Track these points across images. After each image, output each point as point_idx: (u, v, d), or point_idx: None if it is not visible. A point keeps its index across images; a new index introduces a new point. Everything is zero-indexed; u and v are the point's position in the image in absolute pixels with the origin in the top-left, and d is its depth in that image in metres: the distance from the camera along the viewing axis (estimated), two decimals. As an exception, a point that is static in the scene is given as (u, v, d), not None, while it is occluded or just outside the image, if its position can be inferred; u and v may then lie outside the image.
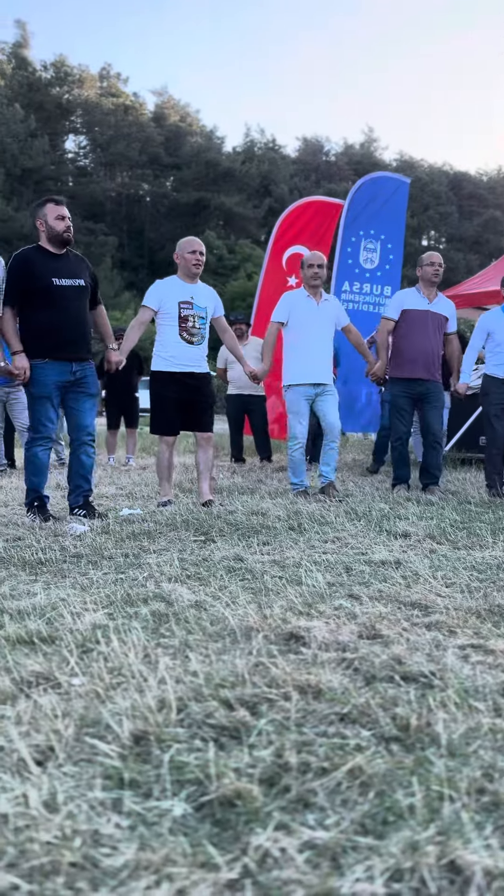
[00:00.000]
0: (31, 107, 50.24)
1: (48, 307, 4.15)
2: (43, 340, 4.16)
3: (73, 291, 4.22)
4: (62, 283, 4.18)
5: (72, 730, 1.47)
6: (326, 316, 5.39)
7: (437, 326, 5.58)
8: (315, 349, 5.31)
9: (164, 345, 4.76)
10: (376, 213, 9.08)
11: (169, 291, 4.78)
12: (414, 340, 5.49)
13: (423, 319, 5.53)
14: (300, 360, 5.30)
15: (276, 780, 1.31)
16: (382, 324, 5.68)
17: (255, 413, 8.24)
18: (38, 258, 4.19)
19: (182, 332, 4.73)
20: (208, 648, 1.98)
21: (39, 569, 3.02)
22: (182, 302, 4.75)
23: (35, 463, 4.28)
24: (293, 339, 5.36)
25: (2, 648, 1.98)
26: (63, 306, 4.17)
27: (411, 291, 5.68)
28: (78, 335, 4.25)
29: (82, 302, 4.30)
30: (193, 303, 4.78)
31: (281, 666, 1.79)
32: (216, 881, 1.04)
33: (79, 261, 4.40)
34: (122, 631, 2.10)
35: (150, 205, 52.90)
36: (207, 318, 4.88)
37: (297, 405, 5.32)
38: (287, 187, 51.03)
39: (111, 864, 1.08)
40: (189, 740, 1.45)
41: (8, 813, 1.19)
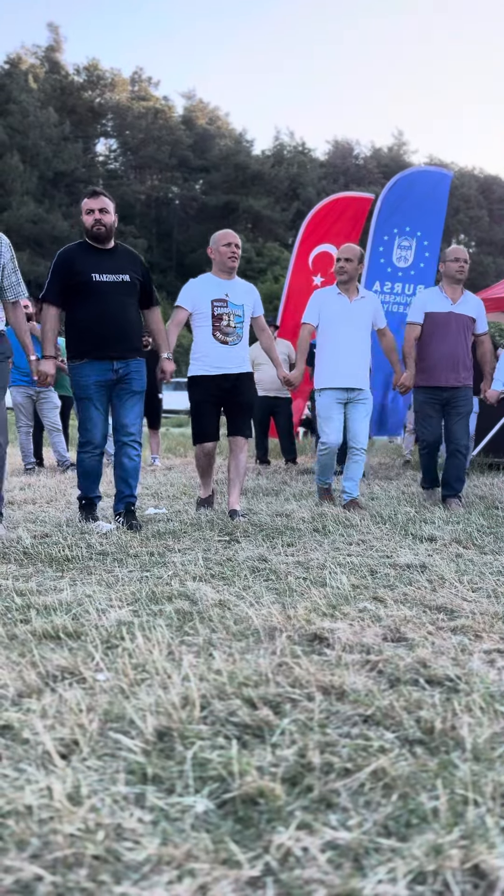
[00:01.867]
0: (63, 110, 50.79)
1: (88, 303, 4.01)
2: (83, 338, 4.04)
3: (115, 287, 4.05)
4: (103, 278, 4.02)
5: (96, 724, 1.48)
6: (360, 314, 4.97)
7: (463, 328, 5.16)
8: (347, 350, 4.91)
9: (198, 346, 4.54)
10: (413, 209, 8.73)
11: (202, 289, 4.54)
12: (436, 345, 5.11)
13: (447, 322, 5.13)
14: (331, 363, 4.93)
15: (299, 779, 1.30)
16: (408, 330, 5.23)
17: (280, 415, 8.24)
18: (79, 253, 4.08)
19: (215, 331, 4.48)
20: (232, 647, 1.98)
21: (66, 565, 3.05)
22: (215, 300, 4.50)
23: (82, 466, 4.16)
24: (324, 340, 5.01)
25: (28, 643, 1.99)
26: (103, 301, 4.01)
27: (434, 291, 5.27)
28: (120, 332, 4.06)
29: (126, 298, 4.11)
30: (228, 300, 4.52)
31: (304, 666, 1.79)
32: (238, 878, 1.04)
33: (128, 256, 4.21)
34: (146, 628, 2.11)
35: (180, 207, 53.18)
36: (245, 317, 4.59)
37: (328, 410, 4.93)
38: (315, 190, 51.01)
39: (133, 857, 1.08)
40: (212, 737, 1.45)
41: (32, 805, 1.20)
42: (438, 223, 9.01)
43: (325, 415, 4.95)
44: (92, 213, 4.05)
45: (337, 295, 4.99)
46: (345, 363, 4.91)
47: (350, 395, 4.95)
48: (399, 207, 8.82)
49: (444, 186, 9.02)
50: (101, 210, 4.06)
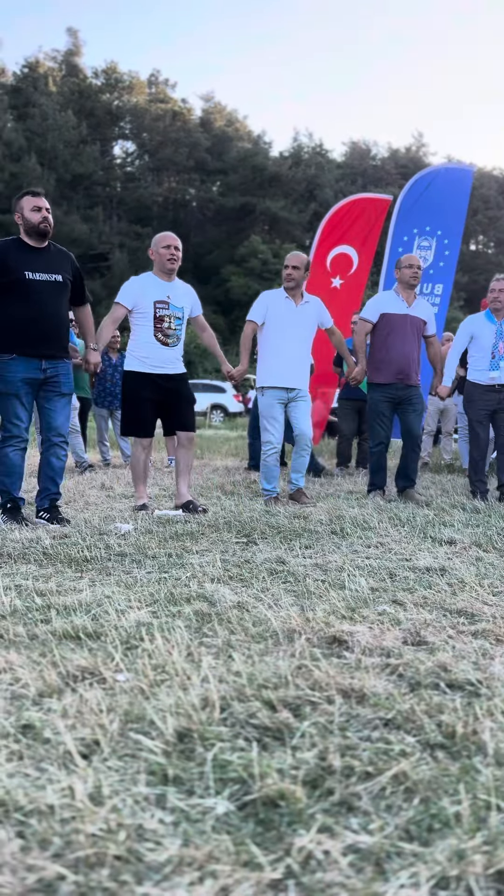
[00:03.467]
0: (82, 113, 51.06)
1: (19, 301, 3.96)
2: (11, 335, 3.98)
3: (47, 286, 4.02)
4: (36, 276, 3.99)
5: (117, 725, 1.49)
6: (306, 318, 5.16)
7: (416, 330, 5.43)
8: (290, 352, 5.08)
9: (138, 345, 4.61)
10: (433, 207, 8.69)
11: (144, 289, 4.59)
12: (393, 345, 5.34)
13: (402, 324, 5.37)
14: (274, 363, 5.09)
15: (320, 782, 1.30)
16: (360, 325, 5.50)
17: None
18: (13, 250, 4.01)
19: (157, 332, 4.57)
20: (251, 649, 1.98)
21: (85, 566, 3.06)
22: (158, 301, 4.57)
23: (5, 463, 4.05)
24: (269, 341, 5.14)
25: (49, 643, 2.01)
26: (35, 301, 3.98)
27: (389, 294, 5.52)
28: (49, 332, 4.04)
29: (58, 298, 4.09)
30: (170, 302, 4.60)
31: (324, 669, 1.78)
32: (259, 881, 1.03)
33: (61, 256, 4.19)
34: (165, 629, 2.12)
35: (197, 209, 53.31)
36: (184, 319, 4.71)
37: (271, 409, 5.10)
38: (332, 192, 50.90)
39: (155, 858, 1.08)
40: (232, 739, 1.45)
41: (54, 804, 1.21)
42: (459, 221, 8.93)
43: (269, 414, 5.12)
44: (39, 211, 4.03)
45: (284, 299, 5.15)
46: (288, 364, 5.08)
47: (290, 395, 5.12)
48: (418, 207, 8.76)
49: (465, 183, 8.93)
50: (47, 209, 4.08)
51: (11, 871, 1.04)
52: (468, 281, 46.59)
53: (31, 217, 4.03)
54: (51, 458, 4.20)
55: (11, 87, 51.38)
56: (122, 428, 4.72)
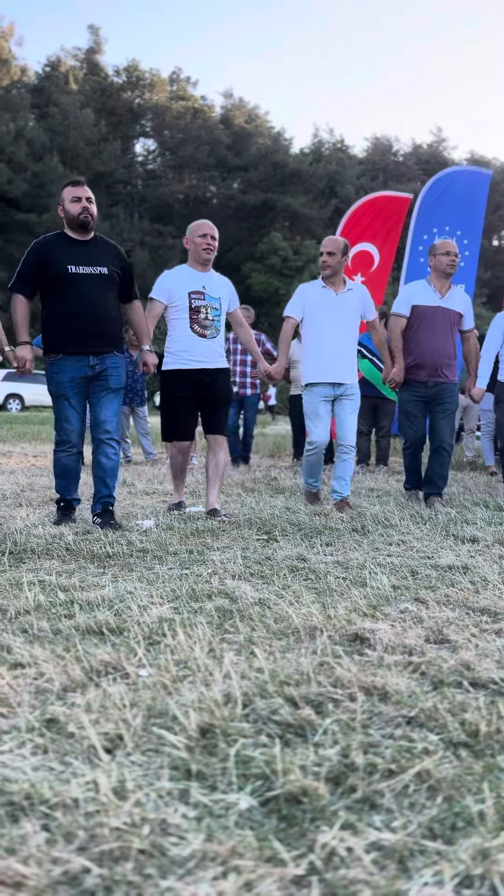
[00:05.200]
0: (103, 111, 51.24)
1: (63, 296, 3.86)
2: (58, 332, 3.89)
3: (92, 279, 3.89)
4: (79, 270, 3.87)
5: (140, 720, 1.50)
6: (347, 307, 4.78)
7: (450, 323, 5.03)
8: (333, 344, 4.72)
9: (175, 339, 4.41)
10: (453, 208, 8.70)
11: (178, 281, 4.41)
12: (423, 339, 4.97)
13: (433, 316, 4.98)
14: (317, 357, 4.75)
15: (342, 779, 1.30)
16: (394, 322, 5.07)
17: None
18: (56, 244, 3.92)
19: (193, 324, 4.35)
20: (272, 646, 1.99)
21: (107, 562, 3.08)
22: (192, 292, 4.38)
23: (59, 466, 4.04)
24: (309, 335, 4.83)
25: (72, 637, 2.02)
26: (79, 295, 3.86)
27: (420, 284, 5.11)
28: (96, 326, 3.90)
29: (104, 291, 3.95)
30: (206, 293, 4.40)
31: (346, 666, 1.78)
32: (283, 876, 1.04)
33: (107, 248, 4.06)
34: (187, 625, 2.13)
35: (217, 207, 53.31)
36: (222, 310, 4.49)
37: (314, 407, 4.76)
38: (353, 188, 50.65)
39: (178, 853, 1.09)
40: (255, 735, 1.45)
41: (79, 798, 1.22)
42: (478, 222, 8.98)
43: (312, 411, 4.78)
44: (79, 202, 3.90)
45: (321, 288, 4.81)
46: (330, 357, 4.73)
47: (337, 391, 4.78)
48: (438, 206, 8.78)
49: (483, 186, 9.00)
50: (88, 199, 3.93)
51: (37, 863, 1.05)
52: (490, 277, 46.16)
53: (70, 208, 3.91)
54: (100, 458, 4.03)
55: (33, 87, 51.70)
56: (162, 434, 4.54)
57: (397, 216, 9.37)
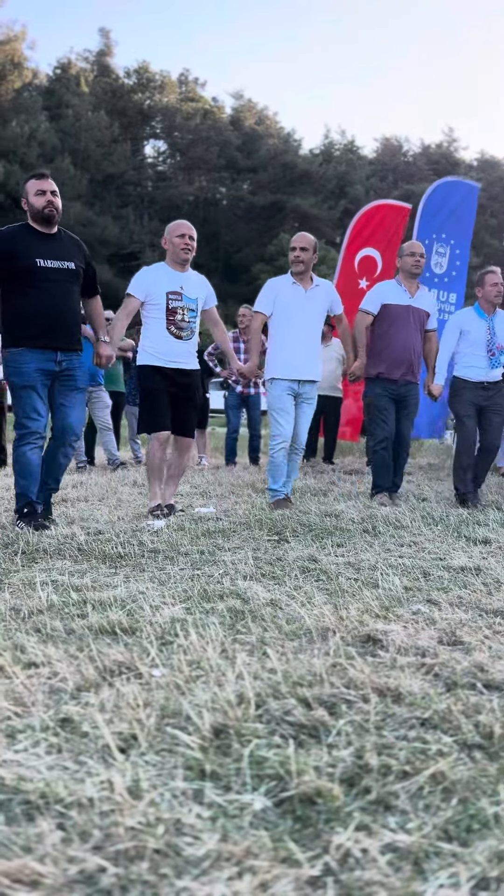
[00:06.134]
0: (113, 113, 51.38)
1: (31, 290, 3.78)
2: (24, 326, 3.79)
3: (60, 274, 3.84)
4: (47, 264, 3.81)
5: (153, 719, 1.50)
6: (315, 304, 4.86)
7: (420, 323, 5.23)
8: (300, 341, 4.79)
9: (151, 339, 4.42)
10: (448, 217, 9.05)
11: (157, 280, 4.39)
12: (395, 338, 5.12)
13: (405, 315, 5.16)
14: (283, 353, 4.81)
15: (357, 780, 1.30)
16: (360, 317, 5.22)
17: (330, 415, 8.21)
18: (23, 236, 3.83)
19: (170, 325, 4.37)
20: (285, 646, 1.98)
21: (119, 562, 3.09)
22: (170, 292, 4.38)
23: (22, 463, 3.84)
24: (277, 330, 4.88)
25: (85, 637, 2.03)
26: (47, 289, 3.80)
27: (391, 284, 5.28)
28: (63, 322, 3.86)
29: (71, 287, 3.92)
30: (183, 293, 4.41)
31: (359, 667, 1.78)
32: (298, 877, 1.04)
33: (72, 243, 4.02)
34: (199, 625, 2.13)
35: (227, 208, 53.34)
36: (198, 311, 4.51)
37: (280, 401, 4.81)
38: (363, 188, 50.60)
39: (193, 853, 1.09)
40: (268, 736, 1.45)
41: (94, 797, 1.22)
42: (468, 233, 9.52)
43: (278, 406, 4.83)
44: (44, 195, 3.83)
45: (292, 284, 4.86)
46: (297, 354, 4.80)
47: (299, 390, 4.86)
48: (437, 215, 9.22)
49: (472, 198, 9.36)
50: (53, 192, 3.87)
51: (53, 861, 1.05)
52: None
53: (35, 202, 3.85)
54: (58, 455, 4.03)
55: (45, 89, 51.92)
56: (138, 426, 4.56)
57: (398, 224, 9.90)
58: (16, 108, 46.55)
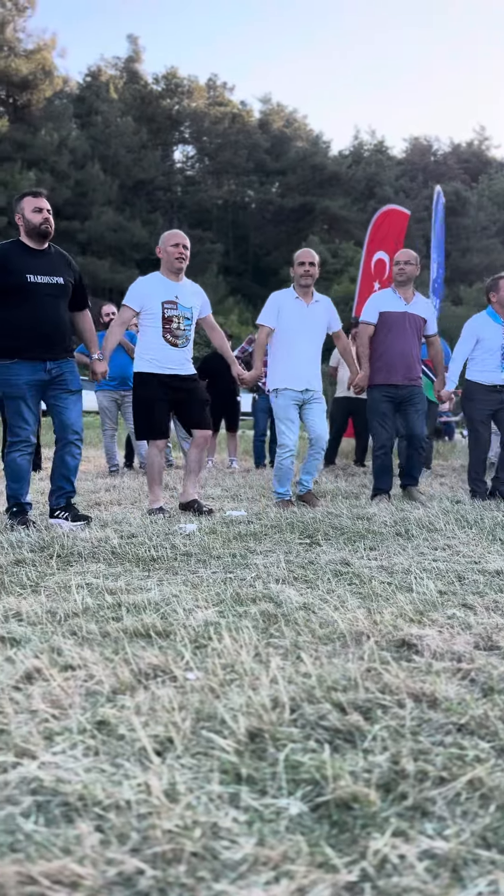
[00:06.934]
0: (142, 119, 51.86)
1: (21, 305, 3.93)
2: (14, 339, 3.94)
3: (49, 289, 3.99)
4: (37, 279, 3.96)
5: (189, 723, 1.51)
6: (316, 318, 5.05)
7: (416, 328, 5.31)
8: (303, 353, 4.98)
9: (147, 347, 4.54)
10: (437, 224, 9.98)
11: (152, 290, 4.53)
12: (393, 343, 5.22)
13: (401, 322, 5.26)
14: (287, 365, 4.98)
15: (393, 786, 1.29)
16: (362, 329, 5.33)
17: (359, 416, 8.17)
18: (14, 253, 3.98)
19: (166, 333, 4.50)
20: (318, 651, 1.98)
21: (152, 565, 3.11)
22: (166, 302, 4.51)
23: (13, 469, 4.03)
24: (281, 342, 5.03)
25: (121, 640, 2.05)
26: (37, 304, 3.95)
27: (386, 293, 5.39)
28: (53, 335, 4.01)
29: (59, 300, 4.06)
30: (178, 302, 4.53)
31: (394, 672, 1.77)
32: (335, 882, 1.04)
33: (61, 258, 4.15)
34: (232, 629, 2.13)
35: (256, 211, 53.47)
36: (193, 319, 4.64)
37: (287, 411, 4.97)
38: (393, 189, 50.35)
39: (230, 856, 1.09)
40: (303, 741, 1.45)
41: (131, 799, 1.23)
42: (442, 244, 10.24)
43: (285, 416, 4.98)
44: (41, 212, 3.99)
45: (295, 299, 5.04)
46: (301, 366, 4.97)
47: (305, 396, 5.01)
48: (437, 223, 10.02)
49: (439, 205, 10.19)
50: (48, 210, 4.04)
51: (92, 863, 1.07)
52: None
53: (32, 218, 3.99)
54: (65, 457, 4.15)
55: (76, 97, 52.57)
56: (136, 432, 4.68)
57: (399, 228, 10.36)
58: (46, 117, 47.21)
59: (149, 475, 4.68)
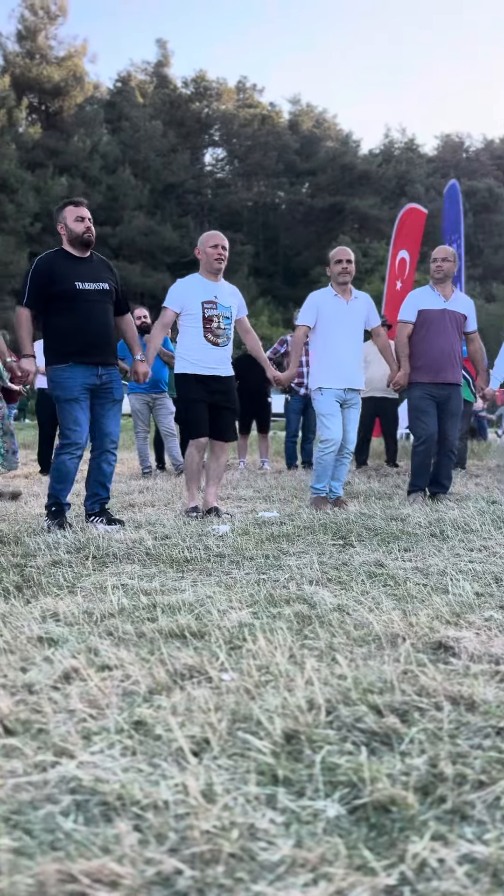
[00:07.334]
0: (172, 123, 52.12)
1: (71, 311, 4.05)
2: (67, 345, 4.05)
3: (96, 295, 4.11)
4: (85, 286, 4.08)
5: (225, 724, 1.51)
6: (356, 315, 5.06)
7: (456, 325, 5.23)
8: (345, 351, 4.98)
9: (189, 348, 4.58)
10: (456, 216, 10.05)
11: (191, 291, 4.59)
12: (433, 341, 5.16)
13: (441, 319, 5.19)
14: (331, 363, 4.97)
15: (431, 789, 1.28)
16: (401, 328, 5.29)
17: (385, 416, 8.12)
18: (60, 262, 4.10)
19: (207, 333, 4.54)
20: (354, 653, 1.97)
21: (186, 566, 3.13)
22: (206, 302, 4.55)
23: (60, 470, 4.11)
24: (322, 341, 5.04)
25: (156, 641, 2.06)
26: (87, 310, 4.07)
27: (425, 290, 5.34)
28: (102, 339, 4.13)
29: (106, 305, 4.18)
30: (217, 302, 4.57)
31: (431, 675, 1.75)
32: (374, 886, 1.03)
33: (103, 264, 4.29)
34: (267, 630, 2.13)
35: (286, 212, 53.40)
36: (232, 318, 4.67)
37: (331, 407, 4.96)
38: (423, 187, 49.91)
39: (268, 858, 1.09)
40: (340, 743, 1.45)
41: (168, 800, 1.24)
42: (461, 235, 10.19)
43: (328, 411, 4.98)
44: (83, 221, 4.12)
45: (334, 297, 5.05)
46: (344, 364, 4.98)
47: (346, 396, 5.03)
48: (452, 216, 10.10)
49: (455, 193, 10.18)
50: (89, 219, 4.16)
51: (131, 863, 1.07)
52: None
53: (75, 227, 4.11)
54: (102, 464, 4.24)
55: (106, 102, 53.07)
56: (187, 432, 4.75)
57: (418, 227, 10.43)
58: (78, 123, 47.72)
59: (187, 474, 4.72)
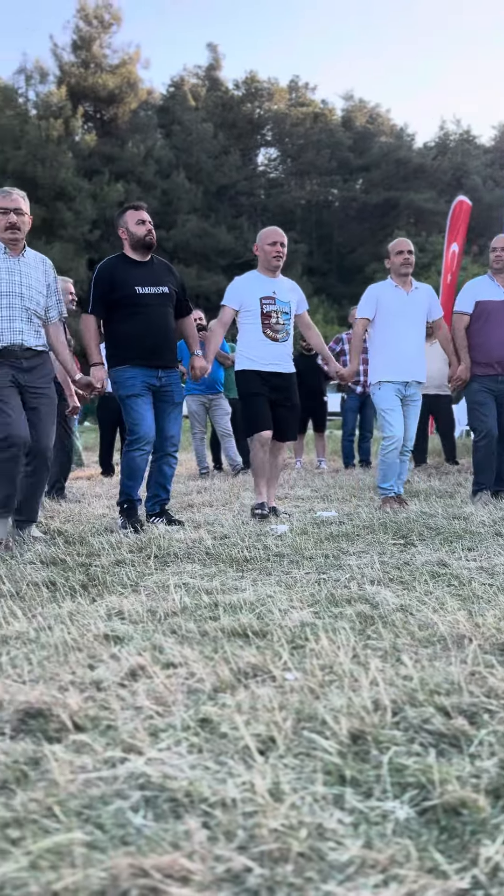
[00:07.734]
0: (224, 125, 52.34)
1: (131, 315, 4.10)
2: (128, 348, 4.11)
3: (156, 299, 4.16)
4: (145, 290, 4.13)
5: (290, 723, 1.51)
6: (417, 306, 4.95)
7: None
8: (406, 343, 4.88)
9: (249, 344, 4.55)
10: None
11: (249, 287, 4.57)
12: (491, 333, 5.00)
13: (500, 310, 5.03)
14: (391, 356, 4.88)
15: (502, 792, 1.25)
16: (457, 319, 5.14)
17: (439, 414, 7.98)
18: (121, 267, 4.17)
19: (266, 329, 4.51)
20: (419, 653, 1.95)
21: (245, 566, 3.14)
22: (264, 297, 4.52)
23: (130, 466, 4.16)
24: (381, 333, 4.94)
25: (219, 639, 2.08)
26: (147, 314, 4.12)
27: (483, 280, 5.19)
28: (162, 342, 4.18)
29: (166, 309, 4.23)
30: (276, 297, 4.55)
31: (499, 676, 1.71)
32: (446, 889, 1.01)
33: (164, 268, 4.34)
34: (329, 630, 2.12)
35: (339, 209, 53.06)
36: (291, 314, 4.64)
37: (391, 401, 4.85)
38: (481, 178, 48.89)
39: (337, 858, 1.09)
40: (407, 744, 1.43)
41: (236, 797, 1.24)
42: None
43: (389, 406, 4.87)
44: (144, 224, 4.18)
45: (394, 288, 4.96)
46: (405, 355, 4.89)
47: (406, 391, 4.93)
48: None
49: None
50: (150, 222, 4.21)
51: (201, 859, 1.08)
52: None
53: (136, 231, 4.18)
54: (163, 466, 4.31)
55: (159, 107, 53.68)
56: (245, 429, 4.71)
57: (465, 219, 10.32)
58: (132, 129, 48.38)
59: (254, 471, 4.66)
